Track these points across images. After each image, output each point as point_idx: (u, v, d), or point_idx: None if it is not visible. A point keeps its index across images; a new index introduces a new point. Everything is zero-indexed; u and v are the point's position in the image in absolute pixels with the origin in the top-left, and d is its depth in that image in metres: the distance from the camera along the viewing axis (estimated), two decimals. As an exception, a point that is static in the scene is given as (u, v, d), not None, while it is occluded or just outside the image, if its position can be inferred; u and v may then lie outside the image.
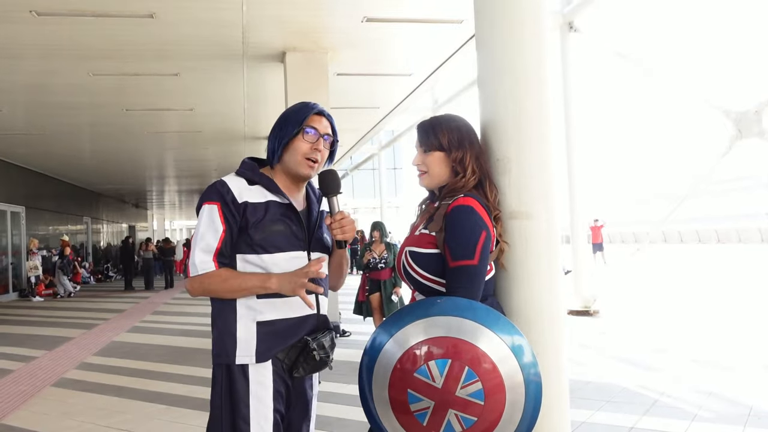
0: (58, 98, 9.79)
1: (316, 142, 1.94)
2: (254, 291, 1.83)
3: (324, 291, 1.99)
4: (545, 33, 2.21)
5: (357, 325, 8.29)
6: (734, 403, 4.68)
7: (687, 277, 15.85)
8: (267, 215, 1.88)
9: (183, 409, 5.05)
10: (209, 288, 1.85)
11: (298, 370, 1.87)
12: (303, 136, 1.93)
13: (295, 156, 1.93)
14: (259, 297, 1.86)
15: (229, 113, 11.33)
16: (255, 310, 1.86)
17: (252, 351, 1.84)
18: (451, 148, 2.01)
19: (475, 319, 1.72)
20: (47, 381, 6.22)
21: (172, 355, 7.50)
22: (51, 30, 6.84)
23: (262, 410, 1.82)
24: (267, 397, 1.83)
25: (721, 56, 46.77)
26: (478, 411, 1.64)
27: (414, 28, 7.52)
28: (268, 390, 1.84)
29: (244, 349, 1.84)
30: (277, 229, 1.88)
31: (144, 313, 12.22)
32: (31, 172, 17.89)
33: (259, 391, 1.83)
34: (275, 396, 1.85)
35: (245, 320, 1.86)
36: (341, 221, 1.91)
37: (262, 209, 1.89)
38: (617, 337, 7.72)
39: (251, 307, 1.86)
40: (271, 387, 1.84)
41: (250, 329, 1.85)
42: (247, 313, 1.86)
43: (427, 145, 2.03)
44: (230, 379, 1.84)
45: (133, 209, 33.90)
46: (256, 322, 1.85)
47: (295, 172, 1.95)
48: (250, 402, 1.82)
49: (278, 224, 1.89)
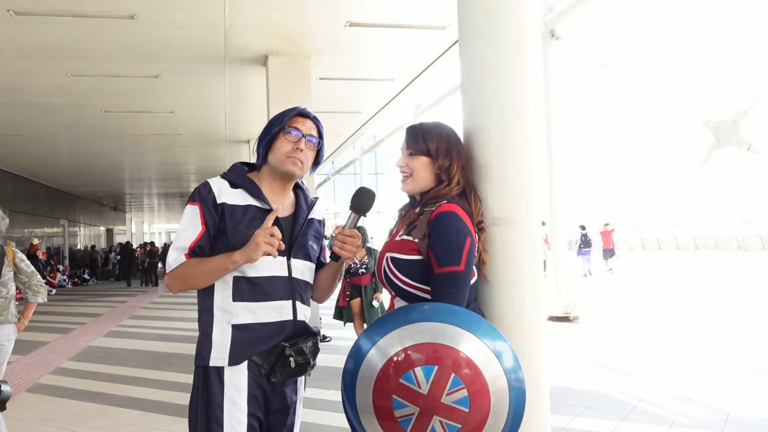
0: (36, 99, 9.65)
1: (298, 141, 1.93)
2: (223, 268, 1.81)
3: (305, 298, 1.98)
4: (528, 40, 2.22)
5: (337, 331, 8.25)
6: (712, 409, 4.73)
7: (666, 284, 16.02)
8: (245, 219, 1.87)
9: (159, 414, 4.98)
10: (183, 277, 1.85)
11: (276, 375, 1.87)
12: (284, 136, 1.93)
13: (277, 155, 1.94)
14: (234, 300, 1.85)
15: (210, 116, 11.26)
16: (230, 313, 1.86)
17: (225, 354, 1.84)
18: (438, 155, 2.00)
19: (457, 324, 1.71)
20: (22, 386, 6.11)
21: (149, 360, 7.41)
22: (29, 30, 6.75)
23: (236, 414, 1.82)
24: (241, 401, 1.83)
25: (701, 66, 47.54)
26: (463, 418, 1.63)
27: (397, 33, 7.53)
28: (242, 394, 1.83)
29: (218, 351, 1.84)
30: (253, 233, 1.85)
31: (121, 317, 12.07)
32: (6, 174, 17.63)
33: (233, 395, 1.83)
34: (250, 400, 1.84)
35: (221, 323, 1.86)
36: (345, 238, 1.90)
37: (241, 212, 1.88)
38: (597, 343, 7.77)
39: (226, 310, 1.86)
40: (245, 391, 1.84)
41: (225, 332, 1.85)
42: (223, 316, 1.86)
43: (414, 148, 2.02)
44: (206, 381, 1.85)
45: (112, 212, 33.58)
46: (232, 325, 1.85)
47: (280, 171, 1.95)
48: (224, 405, 1.82)
49: (255, 229, 1.84)
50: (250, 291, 1.86)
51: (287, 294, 1.91)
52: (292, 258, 1.94)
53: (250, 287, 1.87)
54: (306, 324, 1.97)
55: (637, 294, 13.65)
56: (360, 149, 20.52)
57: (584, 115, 44.00)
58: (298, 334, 1.92)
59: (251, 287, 1.87)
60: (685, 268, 21.52)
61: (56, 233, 23.39)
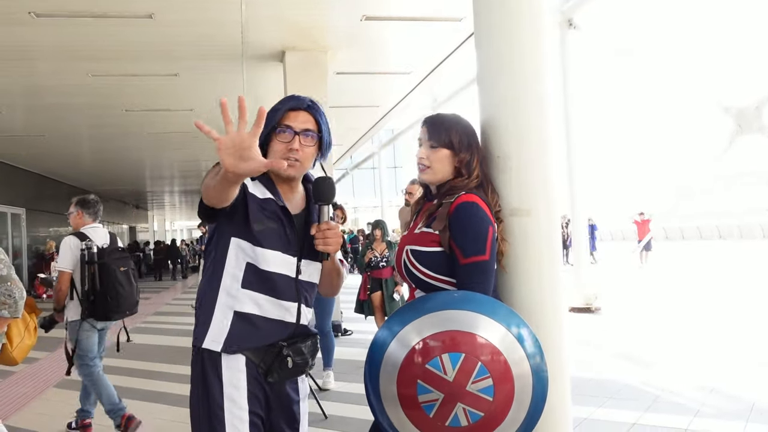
0: (58, 99, 9.78)
1: (291, 141, 1.84)
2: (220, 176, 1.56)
3: (309, 301, 1.93)
4: (544, 30, 2.21)
5: (359, 324, 8.28)
6: (736, 398, 4.68)
7: (689, 274, 15.84)
8: (266, 210, 1.83)
9: (183, 408, 5.02)
10: (206, 184, 1.69)
11: (273, 375, 1.83)
12: (276, 137, 1.85)
13: (273, 154, 1.84)
14: (243, 286, 1.81)
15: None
16: (235, 299, 1.81)
17: (222, 338, 1.80)
18: (460, 149, 2.01)
19: (477, 310, 1.73)
20: (49, 382, 6.23)
21: (173, 355, 7.50)
22: (50, 31, 6.84)
23: (237, 412, 1.79)
24: (241, 399, 1.80)
25: (721, 52, 46.65)
26: (486, 406, 1.65)
27: (413, 26, 7.51)
28: (241, 392, 1.80)
29: (214, 335, 1.81)
30: (272, 226, 1.83)
31: (145, 313, 12.22)
32: (31, 174, 17.88)
33: (233, 394, 1.80)
34: (250, 398, 1.81)
35: (223, 307, 1.82)
36: (326, 231, 1.82)
37: (262, 204, 1.83)
38: (619, 333, 7.72)
39: (233, 295, 1.82)
40: (245, 389, 1.81)
41: (227, 316, 1.81)
42: (227, 300, 1.82)
43: (437, 141, 2.02)
44: (203, 371, 1.83)
45: (134, 210, 33.89)
46: (234, 311, 1.81)
47: (276, 171, 1.85)
48: (224, 404, 1.79)
49: (274, 222, 1.83)
50: (259, 282, 1.82)
51: (293, 296, 1.86)
52: (302, 259, 1.88)
53: (260, 279, 1.82)
54: (306, 327, 1.93)
55: (660, 284, 13.52)
56: (378, 143, 20.49)
57: (603, 105, 43.56)
58: (297, 336, 1.89)
59: (261, 279, 1.82)
60: (709, 258, 21.25)
61: (80, 232, 23.69)
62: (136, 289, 4.48)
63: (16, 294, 3.30)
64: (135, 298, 4.46)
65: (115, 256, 4.37)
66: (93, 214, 4.54)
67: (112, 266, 4.29)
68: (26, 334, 3.92)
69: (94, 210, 4.55)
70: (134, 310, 4.50)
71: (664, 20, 62.38)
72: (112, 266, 4.29)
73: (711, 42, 54.19)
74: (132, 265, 4.51)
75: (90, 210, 4.52)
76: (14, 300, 3.30)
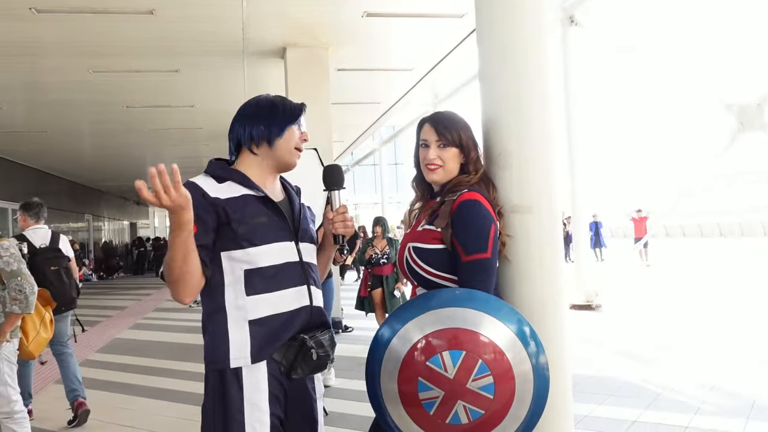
0: (59, 96, 9.78)
1: (304, 133, 1.95)
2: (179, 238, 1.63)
3: (317, 281, 1.92)
4: (546, 27, 2.21)
5: (359, 321, 8.29)
6: (737, 396, 4.68)
7: (690, 271, 15.84)
8: (247, 208, 1.80)
9: (187, 405, 5.05)
10: (167, 268, 1.69)
11: (297, 371, 1.77)
12: (299, 126, 1.93)
13: (289, 144, 1.89)
14: (248, 294, 1.76)
15: (230, 110, 11.12)
16: (245, 309, 1.75)
17: (246, 352, 1.74)
18: (469, 147, 2.03)
19: (478, 308, 1.73)
20: (50, 378, 6.23)
21: (176, 351, 7.50)
22: (51, 27, 6.83)
23: (258, 415, 1.72)
24: (262, 401, 1.73)
25: (723, 49, 46.58)
26: (486, 404, 1.65)
27: (414, 22, 7.50)
28: (263, 394, 1.74)
29: (238, 351, 1.74)
30: (260, 221, 1.80)
31: (146, 309, 12.24)
32: (31, 170, 17.89)
33: (254, 397, 1.73)
34: (271, 399, 1.74)
35: (237, 321, 1.75)
36: (344, 215, 1.93)
37: (240, 203, 1.80)
38: (619, 331, 7.72)
39: (241, 306, 1.76)
40: (266, 391, 1.74)
41: (243, 329, 1.75)
42: (238, 314, 1.76)
43: (447, 140, 2.01)
44: (223, 386, 1.74)
45: (135, 206, 33.91)
46: (248, 321, 1.75)
47: (285, 161, 1.90)
48: (245, 408, 1.72)
49: (260, 216, 1.81)
50: (263, 282, 1.77)
51: (301, 279, 1.83)
52: (300, 242, 1.88)
53: (263, 278, 1.77)
54: (321, 310, 1.89)
55: (660, 282, 13.52)
56: (379, 140, 20.48)
57: (605, 102, 43.53)
58: (315, 321, 1.85)
59: (264, 278, 1.77)
60: (710, 255, 21.24)
61: (81, 228, 23.70)
62: (70, 286, 4.85)
63: (27, 289, 3.37)
64: (70, 295, 4.84)
65: (47, 256, 4.74)
66: (35, 215, 4.89)
67: (42, 265, 4.63)
68: (42, 328, 4.01)
69: (35, 212, 4.89)
70: (71, 305, 4.92)
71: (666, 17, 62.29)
72: (42, 265, 4.63)
73: (713, 39, 54.13)
74: (64, 264, 4.86)
75: (31, 212, 4.88)
76: (25, 295, 3.36)
